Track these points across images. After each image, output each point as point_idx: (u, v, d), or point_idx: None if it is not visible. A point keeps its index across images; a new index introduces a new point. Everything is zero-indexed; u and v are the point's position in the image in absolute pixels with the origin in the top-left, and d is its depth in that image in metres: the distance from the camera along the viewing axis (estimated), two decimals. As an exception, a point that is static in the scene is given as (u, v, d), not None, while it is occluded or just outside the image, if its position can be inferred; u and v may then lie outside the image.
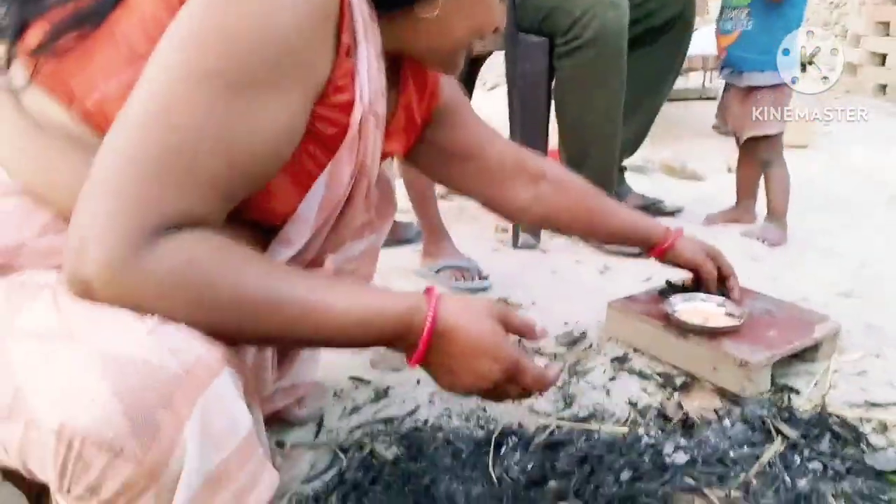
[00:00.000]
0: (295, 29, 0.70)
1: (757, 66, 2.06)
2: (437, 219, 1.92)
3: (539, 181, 1.26)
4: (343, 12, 0.75)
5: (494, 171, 1.21)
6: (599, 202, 1.32)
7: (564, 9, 1.90)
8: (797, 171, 3.06)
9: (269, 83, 0.70)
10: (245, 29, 0.68)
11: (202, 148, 0.67)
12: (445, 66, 0.94)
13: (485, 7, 0.88)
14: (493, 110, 3.25)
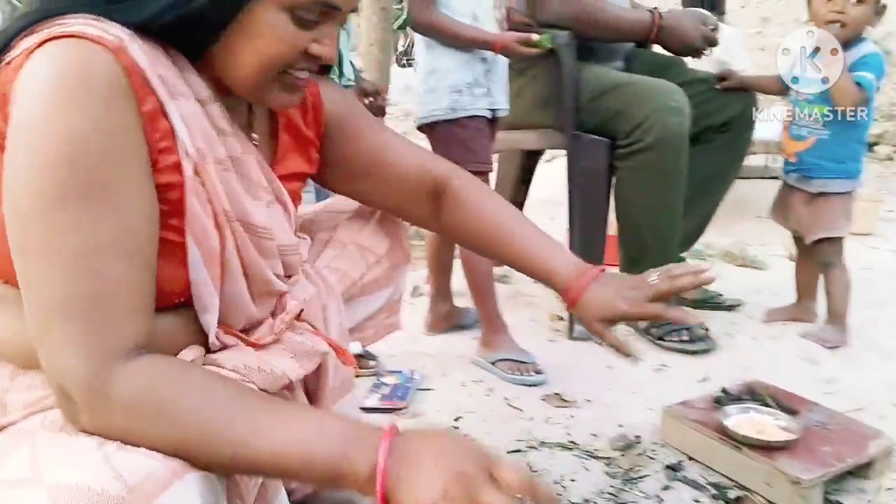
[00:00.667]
0: (97, 130, 0.74)
1: (830, 174, 2.09)
2: (495, 310, 1.97)
3: (441, 194, 1.17)
4: (135, 87, 0.77)
5: (396, 183, 1.15)
6: (504, 223, 1.14)
7: (628, 113, 1.97)
8: (860, 261, 3.06)
9: (107, 182, 0.75)
10: (56, 151, 0.72)
11: (101, 263, 0.74)
12: (255, 99, 0.92)
13: (270, 36, 0.84)
14: (548, 180, 3.32)
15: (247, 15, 0.82)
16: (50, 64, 0.73)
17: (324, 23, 0.87)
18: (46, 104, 0.73)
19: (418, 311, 2.26)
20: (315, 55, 0.87)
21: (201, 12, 0.81)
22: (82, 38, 0.74)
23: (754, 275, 2.89)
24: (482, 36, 1.78)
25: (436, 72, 1.83)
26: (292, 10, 0.83)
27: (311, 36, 0.86)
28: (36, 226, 0.74)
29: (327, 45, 0.88)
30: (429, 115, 1.87)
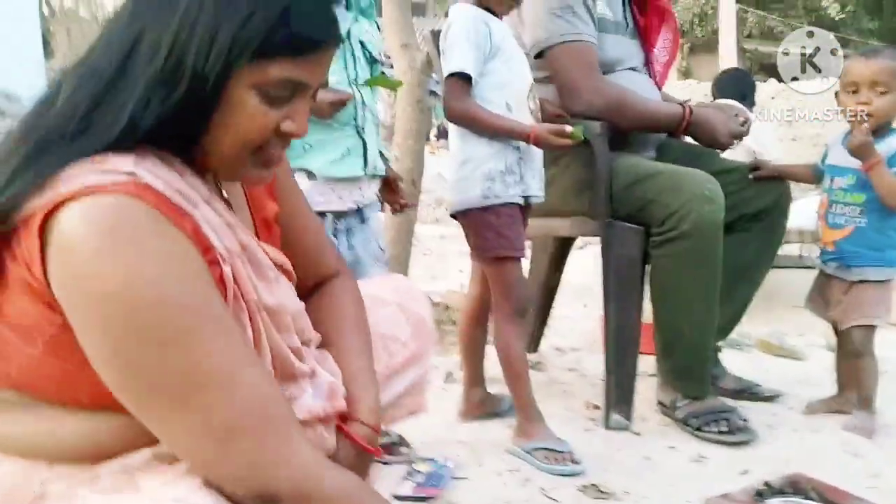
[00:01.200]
0: (173, 266, 0.77)
1: (869, 262, 2.09)
2: (530, 398, 1.95)
3: (320, 284, 1.15)
4: (170, 217, 0.78)
5: (290, 249, 1.09)
6: (338, 339, 1.09)
7: (662, 201, 1.99)
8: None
9: (208, 305, 0.79)
10: (154, 297, 0.75)
11: (243, 377, 0.79)
12: (230, 176, 0.93)
13: (243, 117, 0.84)
14: (580, 267, 3.31)
15: (223, 99, 0.83)
16: (85, 226, 0.74)
17: (294, 99, 0.88)
18: (110, 262, 0.74)
19: (452, 398, 2.25)
20: (287, 132, 0.88)
21: (185, 104, 0.82)
22: (98, 191, 0.75)
23: (793, 365, 2.84)
24: (516, 126, 1.83)
25: (469, 160, 1.88)
26: (263, 88, 0.84)
27: (283, 113, 0.87)
28: (163, 370, 0.77)
29: (299, 122, 0.88)
30: (462, 203, 1.90)
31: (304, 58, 0.85)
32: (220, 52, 0.81)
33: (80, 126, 0.80)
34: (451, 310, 3.33)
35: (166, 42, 0.81)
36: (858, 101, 2.02)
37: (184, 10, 0.82)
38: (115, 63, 0.82)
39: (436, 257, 5.33)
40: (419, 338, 1.25)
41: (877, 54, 2.04)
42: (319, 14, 0.87)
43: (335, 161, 1.77)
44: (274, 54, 0.83)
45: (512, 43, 1.90)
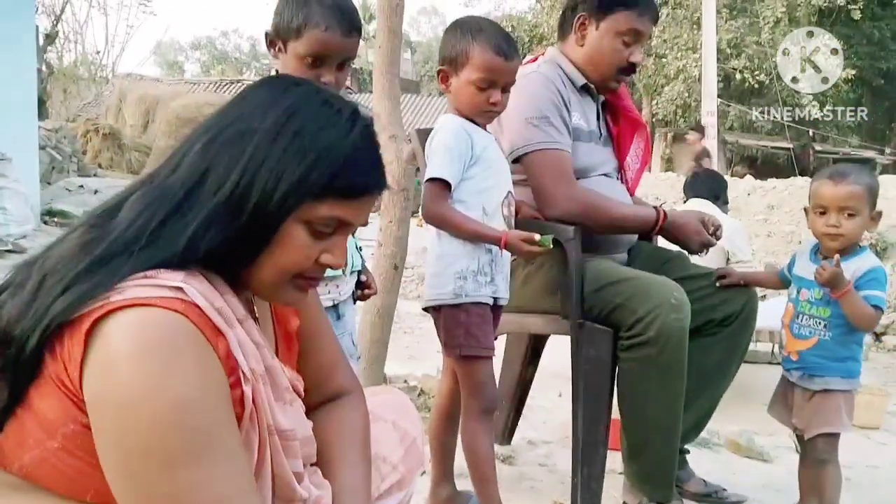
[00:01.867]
0: (200, 389, 0.80)
1: (833, 373, 2.13)
2: (495, 497, 1.97)
3: (329, 400, 1.17)
4: (208, 336, 0.83)
5: (306, 368, 1.14)
6: (340, 454, 1.11)
7: (629, 307, 2.05)
8: (867, 457, 3.02)
9: (219, 435, 0.82)
10: (171, 416, 0.78)
11: None
12: (267, 298, 0.99)
13: (290, 247, 0.91)
14: (555, 355, 3.33)
15: (278, 235, 0.90)
16: (128, 336, 0.79)
17: (336, 234, 0.94)
18: (142, 375, 0.78)
19: (420, 492, 2.24)
20: (325, 264, 0.95)
21: (242, 234, 0.88)
22: (147, 305, 0.80)
23: (760, 468, 2.86)
24: (488, 232, 1.90)
25: (443, 257, 1.94)
26: (311, 223, 0.91)
27: (324, 246, 0.93)
28: (161, 489, 0.79)
29: (338, 255, 0.95)
30: (435, 299, 1.95)
31: (352, 201, 0.92)
32: (284, 194, 0.88)
33: (146, 242, 0.86)
34: (426, 395, 3.35)
35: (234, 177, 0.88)
36: (828, 224, 2.09)
37: (253, 149, 0.89)
38: (185, 188, 0.89)
39: (416, 336, 5.34)
40: (409, 461, 1.27)
41: (844, 178, 2.08)
42: (372, 164, 0.95)
43: (314, 261, 1.82)
44: (327, 195, 0.90)
45: (493, 152, 1.98)
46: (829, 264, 2.03)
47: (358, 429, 1.16)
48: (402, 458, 1.26)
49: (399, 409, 1.34)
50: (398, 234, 3.21)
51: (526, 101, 2.17)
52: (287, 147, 0.89)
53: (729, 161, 19.06)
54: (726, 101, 18.52)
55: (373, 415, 1.24)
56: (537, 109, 2.18)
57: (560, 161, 2.17)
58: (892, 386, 4.29)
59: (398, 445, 1.27)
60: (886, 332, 5.75)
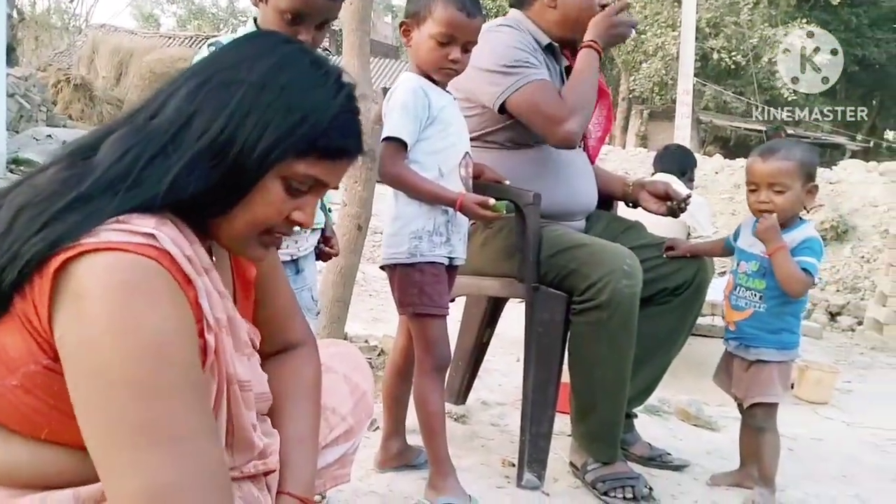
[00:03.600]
0: (173, 326, 0.82)
1: (767, 344, 2.19)
2: (444, 452, 2.01)
3: (283, 351, 1.19)
4: (179, 281, 0.85)
5: (260, 314, 1.16)
6: (288, 407, 1.13)
7: (583, 272, 2.08)
8: (812, 430, 3.12)
9: (188, 370, 0.84)
10: (145, 349, 0.80)
11: (199, 446, 0.83)
12: (233, 251, 1.01)
13: (264, 202, 0.93)
14: (514, 320, 3.38)
15: (257, 187, 0.92)
16: (103, 276, 0.80)
17: (310, 193, 0.96)
18: (117, 312, 0.79)
19: (372, 446, 2.29)
20: (295, 221, 0.96)
21: (222, 182, 0.89)
22: (120, 249, 0.81)
23: (707, 435, 2.94)
24: (443, 193, 1.91)
25: (400, 217, 1.95)
26: (289, 180, 0.93)
27: (296, 204, 0.95)
28: (138, 418, 0.80)
29: (308, 214, 0.97)
30: (390, 258, 1.97)
31: (331, 162, 0.94)
32: (267, 147, 0.90)
33: (132, 182, 0.87)
34: (386, 355, 3.38)
35: (219, 124, 0.89)
36: (758, 200, 2.14)
37: (240, 98, 0.90)
38: (170, 131, 0.90)
39: (381, 299, 5.36)
40: (358, 413, 1.30)
41: (772, 154, 2.13)
42: (354, 129, 0.97)
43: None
44: (309, 155, 0.92)
45: (451, 112, 1.99)
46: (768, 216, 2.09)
47: (310, 380, 1.18)
48: (351, 409, 1.29)
49: (351, 362, 1.36)
50: (363, 195, 3.21)
51: (498, 51, 2.18)
52: (274, 101, 0.91)
53: (702, 141, 19.21)
54: (702, 81, 18.60)
55: (325, 367, 1.26)
56: (511, 56, 2.18)
57: (547, 88, 2.18)
58: (842, 364, 4.42)
59: (348, 397, 1.30)
60: (841, 312, 5.89)
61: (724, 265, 5.94)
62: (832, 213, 6.87)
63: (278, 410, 1.13)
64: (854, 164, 8.00)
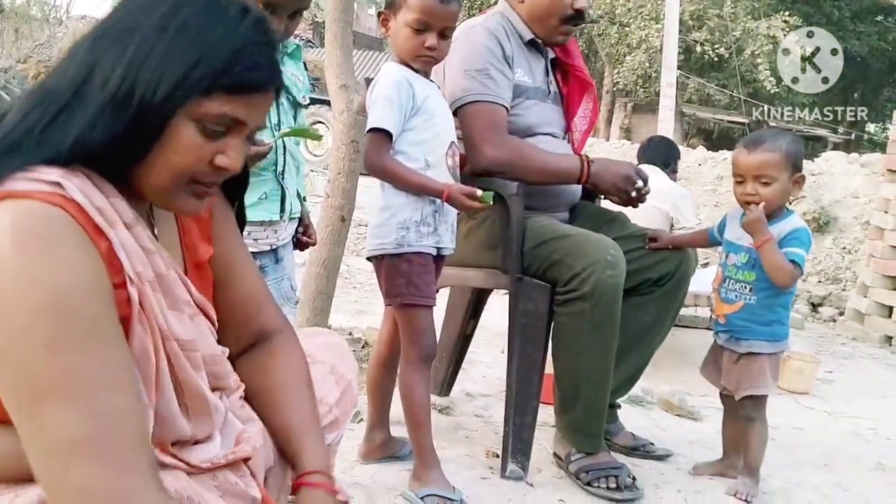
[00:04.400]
0: (77, 276, 0.80)
1: (758, 336, 2.20)
2: (428, 443, 2.01)
3: (261, 342, 1.17)
4: (88, 231, 0.84)
5: (224, 303, 1.13)
6: (283, 394, 1.12)
7: (567, 262, 2.09)
8: (794, 419, 3.14)
9: (98, 322, 0.82)
10: (50, 301, 0.78)
11: (111, 399, 0.81)
12: (162, 204, 0.98)
13: (180, 147, 0.90)
14: (498, 312, 3.40)
15: (165, 130, 0.89)
16: (5, 225, 0.79)
17: (230, 135, 0.94)
18: (21, 262, 0.78)
19: (356, 437, 2.28)
20: (220, 166, 0.94)
21: (129, 131, 0.87)
22: (24, 197, 0.81)
23: (690, 425, 2.96)
24: (430, 184, 1.91)
25: (387, 208, 1.95)
26: (201, 121, 0.90)
27: (217, 147, 0.93)
28: (43, 371, 0.78)
29: (232, 156, 0.94)
30: (377, 248, 1.97)
31: (242, 98, 0.92)
32: (169, 88, 0.88)
33: (36, 141, 0.86)
34: (370, 347, 3.37)
35: (119, 72, 0.88)
36: (744, 192, 2.14)
37: (138, 44, 0.89)
38: (73, 86, 0.89)
39: (365, 291, 5.34)
40: (343, 404, 1.29)
41: (758, 145, 2.13)
42: (262, 61, 0.94)
43: (251, 205, 1.80)
44: (215, 91, 0.89)
45: (436, 102, 1.98)
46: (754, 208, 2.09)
47: (299, 367, 1.17)
48: (337, 400, 1.28)
49: (336, 352, 1.35)
50: (346, 187, 3.19)
51: (466, 52, 2.17)
52: (171, 42, 0.89)
53: (685, 133, 19.29)
54: (686, 74, 18.67)
55: (310, 357, 1.25)
56: (476, 61, 2.17)
57: (492, 113, 2.16)
58: (824, 354, 4.44)
59: (334, 387, 1.28)
60: (823, 303, 5.93)
61: (706, 257, 5.96)
62: (814, 204, 6.91)
63: (276, 402, 1.12)
64: (836, 156, 8.05)
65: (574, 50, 2.48)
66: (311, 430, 1.10)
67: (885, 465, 2.67)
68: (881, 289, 5.11)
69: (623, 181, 2.22)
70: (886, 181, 5.37)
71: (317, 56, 11.95)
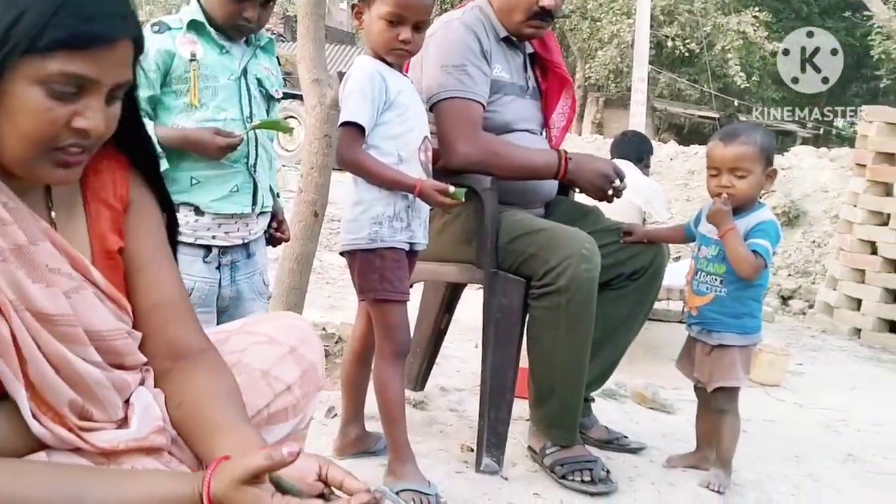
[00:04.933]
0: None
1: (729, 329, 2.22)
2: (403, 439, 2.00)
3: (178, 359, 1.09)
4: None
5: (150, 309, 1.08)
6: (210, 412, 1.04)
7: (542, 257, 2.08)
8: (765, 411, 3.18)
9: None
10: None
11: None
12: (30, 177, 0.93)
13: (26, 112, 0.87)
14: (472, 306, 3.40)
15: (5, 94, 0.86)
16: None
17: (85, 96, 0.90)
18: None
19: (331, 433, 2.27)
20: (80, 128, 0.90)
21: None
22: None
23: (663, 418, 2.98)
24: (402, 179, 1.89)
25: (360, 203, 1.93)
26: (46, 83, 0.86)
27: (73, 109, 0.89)
28: None
29: (91, 117, 0.90)
30: (350, 244, 1.95)
31: (84, 52, 0.87)
32: None
33: None
34: (344, 342, 3.35)
35: None
36: (719, 185, 2.16)
37: None
38: None
39: (339, 286, 5.32)
40: (306, 385, 1.24)
41: (734, 139, 2.15)
42: (99, 11, 0.89)
43: (223, 198, 1.79)
44: (52, 49, 0.85)
45: (410, 96, 1.97)
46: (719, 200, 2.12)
47: (229, 392, 1.08)
48: (298, 380, 1.23)
49: (298, 334, 1.29)
50: (319, 182, 3.17)
51: (444, 47, 2.16)
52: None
53: (657, 128, 19.43)
54: (657, 69, 18.80)
55: (269, 338, 1.23)
56: (453, 57, 2.16)
57: (467, 110, 2.15)
58: (794, 347, 4.50)
59: (294, 367, 1.23)
60: (793, 296, 6.01)
61: (678, 251, 6.01)
62: (784, 198, 7.00)
63: (207, 426, 1.02)
64: (805, 150, 8.17)
65: (553, 46, 2.47)
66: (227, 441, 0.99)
67: (854, 455, 2.71)
68: (850, 282, 5.18)
69: (601, 178, 2.22)
70: (855, 175, 5.45)
71: (288, 51, 11.87)
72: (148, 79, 1.76)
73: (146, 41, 0.97)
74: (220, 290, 1.95)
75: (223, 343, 1.22)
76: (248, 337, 1.25)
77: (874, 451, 2.78)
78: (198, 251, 1.88)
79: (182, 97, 1.81)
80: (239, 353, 1.21)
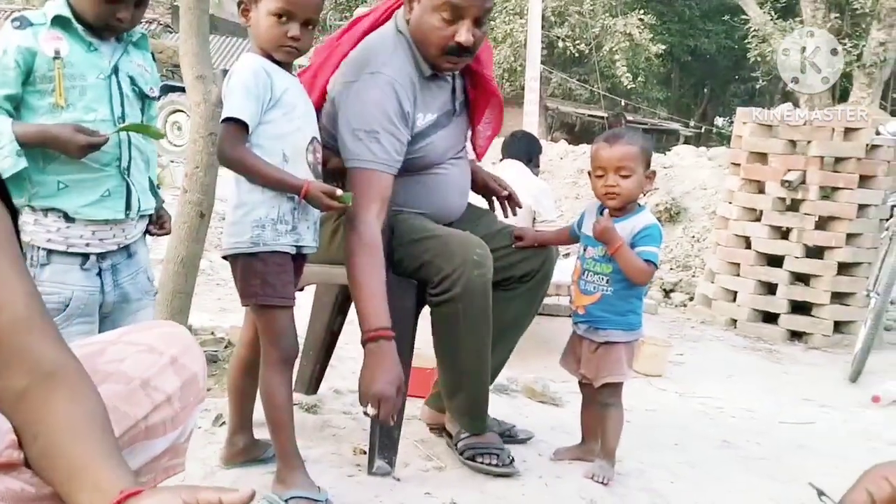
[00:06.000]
0: None
1: (615, 326, 2.30)
2: (292, 446, 1.97)
3: (34, 376, 0.98)
4: None
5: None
6: (69, 447, 0.94)
7: (436, 264, 2.10)
8: (647, 401, 3.32)
9: None
10: None
11: None
12: None
13: None
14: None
15: None
16: None
17: None
18: None
19: (218, 442, 2.21)
20: None
21: None
22: None
23: (552, 411, 3.06)
24: (288, 179, 1.86)
25: (242, 206, 1.89)
26: None
27: None
28: None
29: None
30: (231, 247, 1.91)
31: None
32: None
33: None
34: (233, 347, 3.28)
35: None
36: (606, 185, 2.24)
37: None
38: None
39: (229, 288, 5.19)
40: (186, 397, 1.20)
41: (618, 139, 2.25)
42: None
43: (93, 203, 1.71)
44: None
45: (295, 95, 1.93)
46: (602, 219, 2.20)
47: (95, 417, 0.99)
48: (178, 391, 1.18)
49: (178, 343, 1.24)
50: (205, 181, 3.08)
51: (360, 109, 2.07)
52: None
53: (549, 127, 19.87)
54: (549, 68, 19.23)
55: (149, 347, 1.18)
56: (367, 122, 2.06)
57: (369, 182, 2.06)
58: (676, 338, 4.71)
59: (173, 377, 1.18)
60: (675, 289, 6.29)
61: (568, 248, 6.17)
62: (666, 195, 7.29)
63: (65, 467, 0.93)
64: (686, 150, 8.55)
65: (486, 58, 2.41)
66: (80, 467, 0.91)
67: (729, 441, 2.86)
68: (726, 275, 5.46)
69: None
70: (731, 174, 5.75)
71: (176, 42, 11.47)
72: (6, 76, 1.67)
73: (5, 37, 0.92)
74: (104, 296, 1.86)
75: (99, 354, 1.16)
76: (126, 347, 1.19)
77: (748, 437, 2.95)
78: (73, 259, 1.78)
79: (47, 97, 1.71)
80: (117, 363, 1.15)
